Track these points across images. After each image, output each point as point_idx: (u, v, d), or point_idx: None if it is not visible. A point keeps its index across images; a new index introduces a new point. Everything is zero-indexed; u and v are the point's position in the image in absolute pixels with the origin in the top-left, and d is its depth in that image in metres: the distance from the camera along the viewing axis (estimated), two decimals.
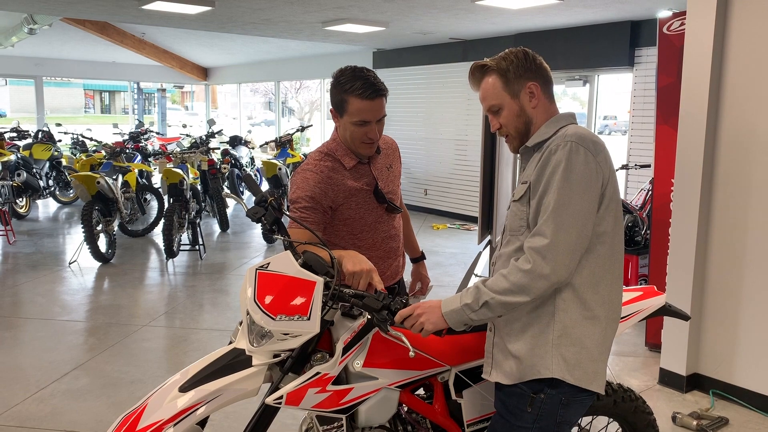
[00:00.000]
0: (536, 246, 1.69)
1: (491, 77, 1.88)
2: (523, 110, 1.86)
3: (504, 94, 1.86)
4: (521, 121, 1.86)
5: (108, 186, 6.98)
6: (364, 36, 9.79)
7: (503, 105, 1.87)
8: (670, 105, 4.32)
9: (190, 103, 35.56)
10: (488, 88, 1.89)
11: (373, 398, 1.89)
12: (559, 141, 1.74)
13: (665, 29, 4.40)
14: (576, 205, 1.69)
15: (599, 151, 1.75)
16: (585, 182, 1.70)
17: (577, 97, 30.15)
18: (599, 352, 1.79)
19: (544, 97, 1.88)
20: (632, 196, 7.38)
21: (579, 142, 1.71)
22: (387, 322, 1.74)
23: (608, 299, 1.80)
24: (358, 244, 2.37)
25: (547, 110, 1.88)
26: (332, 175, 2.27)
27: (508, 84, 1.85)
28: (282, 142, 9.60)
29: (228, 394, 1.79)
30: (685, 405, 3.72)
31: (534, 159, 1.82)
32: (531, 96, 1.85)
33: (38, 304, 5.50)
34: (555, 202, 1.69)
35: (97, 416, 3.49)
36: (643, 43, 7.73)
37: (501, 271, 1.75)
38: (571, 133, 1.75)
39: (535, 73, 1.86)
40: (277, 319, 1.76)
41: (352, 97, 2.20)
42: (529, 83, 1.85)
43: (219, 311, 5.41)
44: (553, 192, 1.69)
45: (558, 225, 1.68)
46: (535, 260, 1.69)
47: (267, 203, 1.95)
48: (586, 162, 1.70)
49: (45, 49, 14.18)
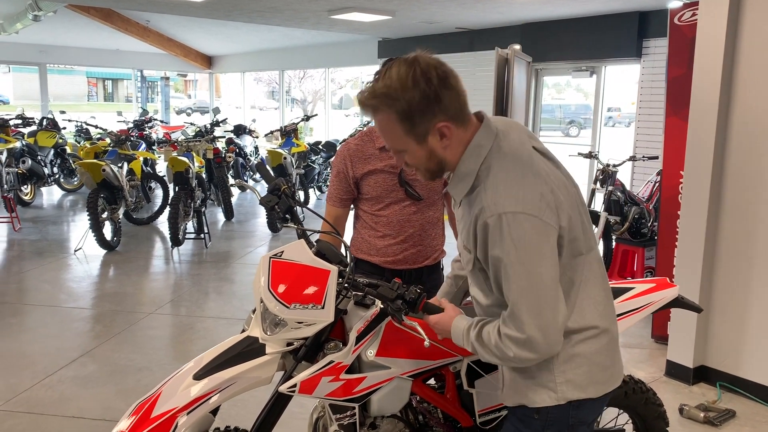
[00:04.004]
0: (516, 338, 1.51)
1: (386, 116, 1.53)
2: (434, 154, 1.57)
3: (407, 139, 1.55)
4: (432, 163, 1.59)
5: (113, 174, 6.97)
6: (369, 25, 9.74)
7: (406, 150, 1.58)
8: (680, 96, 4.29)
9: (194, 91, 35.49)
10: (385, 130, 1.57)
11: (385, 387, 1.89)
12: (488, 212, 1.48)
13: (676, 20, 4.36)
14: (541, 281, 1.47)
15: (538, 198, 1.48)
16: (538, 250, 1.47)
17: (581, 89, 29.96)
18: (610, 356, 1.67)
19: (458, 128, 1.55)
20: (638, 188, 7.36)
21: (511, 209, 1.46)
22: (401, 311, 1.73)
23: (603, 310, 1.65)
24: (376, 221, 2.55)
25: (461, 140, 1.57)
26: (359, 151, 2.50)
27: (413, 128, 1.52)
28: (287, 131, 9.58)
29: (242, 382, 1.79)
30: (692, 397, 3.72)
31: (469, 219, 1.56)
32: (442, 137, 1.54)
33: (44, 291, 5.51)
34: (517, 290, 1.48)
35: (104, 403, 3.50)
36: (651, 34, 7.69)
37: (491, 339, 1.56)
38: (500, 194, 1.48)
39: (444, 104, 1.50)
40: (291, 308, 1.76)
41: None
42: (438, 124, 1.52)
43: (224, 299, 5.42)
44: (511, 279, 1.48)
45: (531, 312, 1.48)
46: (519, 352, 1.51)
47: (281, 191, 1.96)
48: (530, 228, 1.46)
49: (49, 36, 14.15)
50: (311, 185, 9.98)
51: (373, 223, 2.58)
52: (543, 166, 1.58)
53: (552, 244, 1.50)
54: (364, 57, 12.54)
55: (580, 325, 1.61)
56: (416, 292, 1.74)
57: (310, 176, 9.80)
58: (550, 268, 1.49)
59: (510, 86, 3.67)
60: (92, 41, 15.03)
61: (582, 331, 1.61)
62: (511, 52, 3.13)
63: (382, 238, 2.57)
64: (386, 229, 2.56)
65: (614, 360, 1.69)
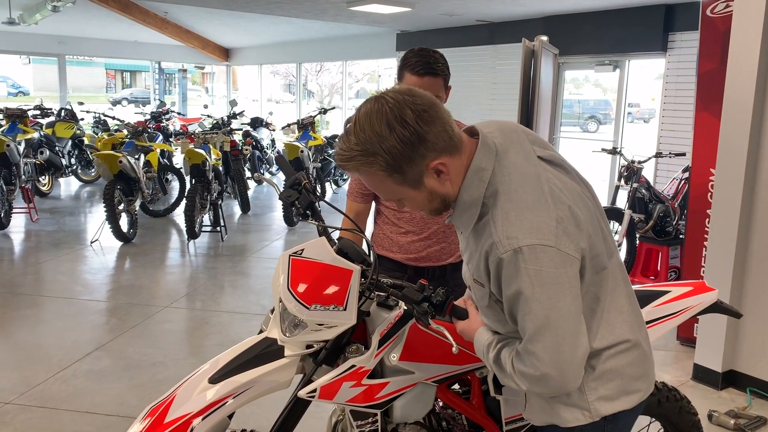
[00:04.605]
0: (530, 376, 1.41)
1: (371, 174, 1.39)
2: (434, 193, 1.43)
3: (401, 189, 1.42)
4: (436, 202, 1.46)
5: (130, 165, 6.94)
6: (388, 17, 9.62)
7: (404, 197, 1.46)
8: (711, 91, 4.15)
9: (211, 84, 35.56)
10: (376, 187, 1.43)
11: (409, 393, 1.81)
12: (501, 248, 1.36)
13: (708, 12, 4.21)
14: (560, 317, 1.36)
15: (555, 225, 1.36)
16: (557, 284, 1.35)
17: (599, 84, 29.54)
18: (642, 365, 1.56)
19: (452, 158, 1.40)
20: (661, 185, 7.19)
21: (527, 242, 1.34)
22: (428, 315, 1.62)
23: (631, 321, 1.54)
24: (398, 217, 2.51)
25: (459, 169, 1.42)
26: None
27: (404, 177, 1.38)
28: (304, 124, 9.50)
29: (259, 386, 1.71)
30: (721, 403, 3.59)
31: (478, 252, 1.45)
32: (438, 174, 1.40)
33: (60, 283, 5.49)
34: (533, 328, 1.36)
35: (118, 398, 3.45)
36: (677, 27, 7.50)
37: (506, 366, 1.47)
38: (511, 227, 1.36)
39: (432, 143, 1.35)
40: (311, 309, 1.67)
41: (406, 71, 2.32)
42: (431, 164, 1.37)
43: (240, 294, 5.36)
44: (528, 317, 1.37)
45: (548, 349, 1.36)
46: (532, 387, 1.42)
47: (301, 186, 1.87)
48: (548, 261, 1.34)
49: (68, 27, 14.17)
50: (327, 179, 9.91)
51: (395, 219, 2.51)
52: (555, 181, 1.45)
53: (571, 275, 1.38)
54: (382, 50, 12.42)
55: (609, 341, 1.51)
56: (443, 294, 1.64)
57: (326, 170, 9.73)
58: (570, 302, 1.37)
59: (537, 80, 3.57)
60: (110, 32, 15.04)
61: (612, 347, 1.51)
62: (539, 44, 3.03)
63: (404, 235, 2.50)
64: (409, 226, 2.49)
65: (646, 368, 1.58)
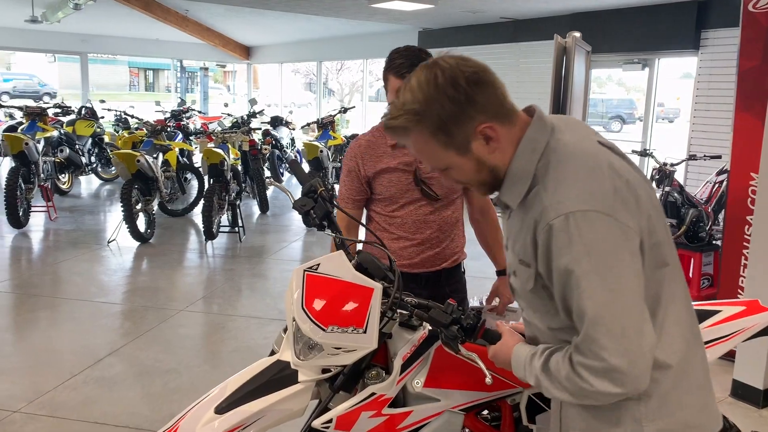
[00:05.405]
0: (594, 368, 1.23)
1: (418, 135, 1.31)
2: (482, 162, 1.34)
3: (447, 154, 1.33)
4: (484, 174, 1.36)
5: (148, 164, 6.85)
6: (410, 14, 9.46)
7: (451, 165, 1.35)
8: (752, 90, 3.93)
9: (232, 82, 35.66)
10: (422, 151, 1.35)
11: (434, 422, 1.64)
12: (552, 213, 1.23)
13: (750, 7, 3.98)
14: (622, 295, 1.21)
15: (612, 193, 1.24)
16: (616, 257, 1.21)
17: (623, 83, 28.96)
18: (704, 393, 1.38)
19: (503, 126, 1.31)
20: (692, 188, 6.93)
21: (580, 207, 1.22)
22: (457, 339, 1.47)
23: (692, 338, 1.38)
24: (389, 222, 2.41)
25: (511, 140, 1.33)
26: (371, 147, 2.36)
27: (451, 139, 1.30)
28: (323, 123, 9.37)
29: (271, 415, 1.57)
30: (763, 423, 3.38)
31: (525, 225, 1.32)
32: (488, 140, 1.31)
33: (76, 284, 5.41)
34: (593, 308, 1.21)
35: (129, 408, 3.34)
36: (711, 24, 7.23)
37: (561, 370, 1.29)
38: (562, 191, 1.24)
39: (482, 105, 1.28)
40: (327, 331, 1.53)
41: (390, 74, 2.21)
42: (479, 127, 1.29)
43: (258, 297, 5.24)
44: (585, 294, 1.22)
45: (612, 334, 1.21)
46: (599, 385, 1.24)
47: (317, 194, 1.72)
48: (605, 230, 1.21)
49: (90, 25, 14.21)
50: None
51: (386, 224, 2.40)
52: (614, 160, 1.33)
53: (632, 249, 1.24)
54: None
55: (669, 359, 1.32)
56: (474, 316, 1.49)
57: None
58: (632, 280, 1.22)
59: (570, 78, 3.39)
60: (132, 30, 15.07)
61: (670, 367, 1.32)
62: (572, 40, 2.86)
63: (396, 241, 2.38)
64: (401, 231, 2.38)
65: (708, 398, 1.40)
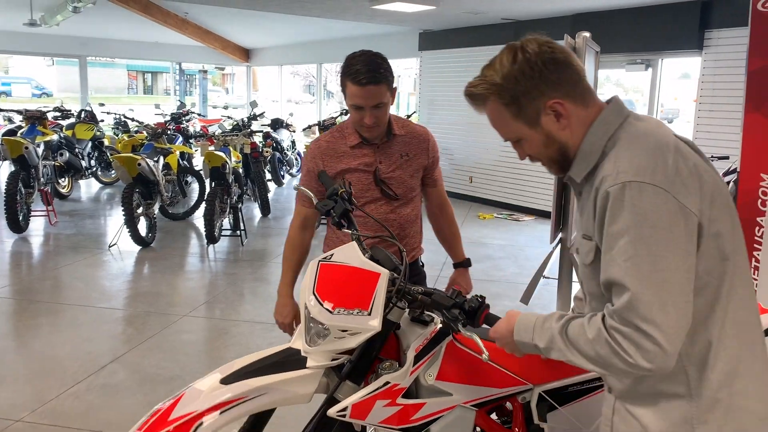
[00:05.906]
0: (629, 336, 1.23)
1: (492, 104, 1.39)
2: (551, 137, 1.38)
3: (518, 125, 1.38)
4: (553, 149, 1.40)
5: (149, 168, 6.80)
6: (411, 16, 9.42)
7: (522, 137, 1.41)
8: (762, 90, 3.88)
9: (231, 85, 35.65)
10: (494, 118, 1.42)
11: (447, 417, 1.66)
12: (610, 181, 1.26)
13: (759, 6, 3.94)
14: (668, 270, 1.20)
15: (673, 172, 1.24)
16: (668, 231, 1.21)
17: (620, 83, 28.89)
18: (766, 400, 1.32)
19: (576, 105, 1.36)
20: None
21: (638, 179, 1.23)
22: (458, 321, 1.52)
23: (755, 339, 1.33)
24: None
25: (583, 120, 1.37)
26: (331, 148, 2.38)
27: (521, 111, 1.36)
28: (325, 125, 9.33)
29: (274, 393, 1.57)
30: None
31: (590, 198, 1.34)
32: (558, 117, 1.36)
33: (77, 290, 5.36)
34: (637, 276, 1.23)
35: (132, 416, 3.27)
36: (715, 24, 7.19)
37: (587, 332, 1.28)
38: (624, 162, 1.26)
39: (554, 83, 1.34)
40: (335, 313, 1.55)
41: (348, 80, 2.21)
42: (549, 102, 1.34)
43: (260, 302, 5.19)
44: (631, 261, 1.23)
45: (653, 306, 1.21)
46: (632, 352, 1.22)
47: (338, 195, 1.88)
48: (656, 203, 1.21)
49: (89, 28, 14.17)
50: None
51: None
52: (683, 147, 1.33)
53: (688, 230, 1.23)
54: (404, 49, 12.21)
55: (730, 363, 1.28)
56: (477, 301, 1.52)
57: None
58: (682, 258, 1.22)
59: None
60: (131, 33, 15.03)
61: (731, 369, 1.28)
62: (582, 41, 2.81)
63: None
64: (361, 229, 2.36)
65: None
